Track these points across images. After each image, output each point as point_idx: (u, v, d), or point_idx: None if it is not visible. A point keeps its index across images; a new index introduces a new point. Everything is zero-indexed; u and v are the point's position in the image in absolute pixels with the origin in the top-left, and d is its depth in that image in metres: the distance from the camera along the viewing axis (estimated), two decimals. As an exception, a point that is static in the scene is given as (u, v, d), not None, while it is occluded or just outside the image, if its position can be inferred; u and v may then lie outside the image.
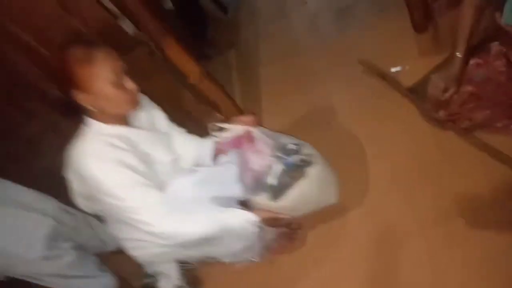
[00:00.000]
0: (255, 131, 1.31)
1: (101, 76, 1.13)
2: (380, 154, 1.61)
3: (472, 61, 1.39)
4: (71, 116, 1.20)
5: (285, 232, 1.44)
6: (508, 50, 1.32)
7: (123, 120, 1.23)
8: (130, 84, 1.19)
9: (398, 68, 1.81)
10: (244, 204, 1.29)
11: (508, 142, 1.36)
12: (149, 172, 1.21)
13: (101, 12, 1.60)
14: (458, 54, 1.37)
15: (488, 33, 1.35)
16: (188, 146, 1.39)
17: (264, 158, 1.29)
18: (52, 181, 1.38)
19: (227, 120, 1.41)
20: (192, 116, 1.87)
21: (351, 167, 1.59)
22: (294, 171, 1.29)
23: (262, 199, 1.30)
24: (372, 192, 1.52)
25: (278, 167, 1.29)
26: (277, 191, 1.28)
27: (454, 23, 1.38)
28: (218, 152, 1.38)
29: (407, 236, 1.37)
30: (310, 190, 1.30)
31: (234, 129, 1.33)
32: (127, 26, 1.68)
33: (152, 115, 1.35)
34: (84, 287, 1.50)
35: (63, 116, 1.28)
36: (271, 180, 1.29)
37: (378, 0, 2.10)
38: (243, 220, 1.21)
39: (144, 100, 1.32)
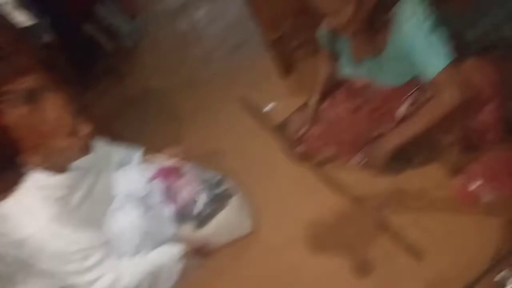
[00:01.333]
0: (182, 164, 1.41)
1: (54, 131, 1.00)
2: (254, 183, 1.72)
3: (324, 104, 1.59)
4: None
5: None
6: (350, 96, 1.54)
7: (62, 168, 1.11)
8: (84, 129, 1.06)
9: (270, 106, 1.98)
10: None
11: (350, 175, 1.56)
12: (88, 213, 1.15)
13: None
14: (313, 98, 1.57)
15: (338, 80, 1.56)
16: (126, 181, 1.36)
17: (190, 190, 1.40)
18: None
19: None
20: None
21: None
22: (217, 202, 1.44)
23: (186, 229, 1.40)
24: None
25: (203, 198, 1.42)
26: (201, 221, 1.41)
27: (314, 69, 1.60)
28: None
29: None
30: (230, 219, 1.47)
31: (163, 162, 1.40)
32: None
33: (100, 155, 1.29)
34: None
35: None
36: (196, 210, 1.41)
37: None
38: (171, 256, 1.25)
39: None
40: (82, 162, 1.18)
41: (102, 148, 1.35)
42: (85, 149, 1.12)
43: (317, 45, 1.50)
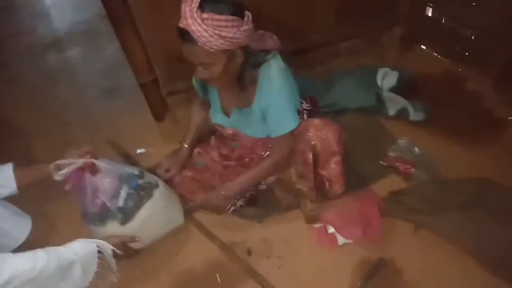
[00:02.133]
0: (97, 161, 1.30)
1: None
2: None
3: (195, 150, 1.61)
4: None
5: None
6: (220, 143, 1.59)
7: None
8: None
9: (142, 150, 1.92)
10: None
11: (221, 220, 1.57)
12: None
13: None
14: (185, 144, 1.58)
15: (210, 126, 1.61)
16: None
17: (110, 185, 1.33)
18: None
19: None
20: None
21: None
22: (139, 194, 1.37)
23: (112, 226, 1.34)
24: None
25: (124, 191, 1.35)
26: (126, 214, 1.35)
27: (188, 115, 1.62)
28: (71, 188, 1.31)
29: None
30: (157, 210, 1.41)
31: (74, 163, 1.27)
32: None
33: None
34: None
35: None
36: (119, 203, 1.34)
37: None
38: (84, 252, 1.17)
39: None
40: None
41: None
42: None
43: (192, 93, 1.54)
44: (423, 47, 2.30)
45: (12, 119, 2.27)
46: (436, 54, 2.24)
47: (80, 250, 1.23)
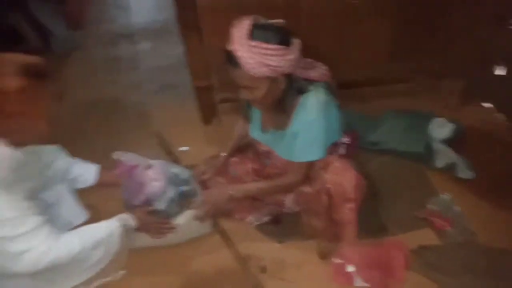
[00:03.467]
0: (153, 162, 1.44)
1: (40, 114, 1.10)
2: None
3: (232, 159, 1.65)
4: None
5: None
6: (255, 158, 1.63)
7: (19, 144, 1.17)
8: (52, 119, 1.15)
9: (185, 148, 1.99)
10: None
11: (243, 231, 1.59)
12: (26, 190, 1.20)
13: None
14: (223, 153, 1.63)
15: (249, 140, 1.64)
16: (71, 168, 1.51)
17: (157, 188, 1.40)
18: None
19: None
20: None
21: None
22: (183, 200, 1.45)
23: None
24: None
25: (169, 195, 1.42)
26: (164, 217, 1.44)
27: (233, 124, 1.67)
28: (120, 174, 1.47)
29: None
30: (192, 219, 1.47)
31: (134, 158, 1.43)
32: None
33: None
34: None
35: None
36: (160, 205, 1.41)
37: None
38: (110, 229, 1.31)
39: None
40: (33, 147, 1.30)
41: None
42: (47, 138, 1.23)
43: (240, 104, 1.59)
44: (485, 104, 2.21)
45: (73, 94, 2.45)
46: (497, 114, 2.15)
47: (108, 230, 1.34)
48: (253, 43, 1.12)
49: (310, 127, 1.28)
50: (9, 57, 1.08)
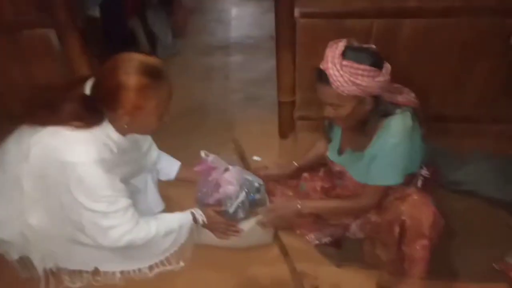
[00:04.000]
0: (231, 167, 1.52)
1: (154, 110, 1.20)
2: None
3: (304, 174, 1.68)
4: (91, 113, 1.21)
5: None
6: (326, 177, 1.63)
7: (127, 132, 1.30)
8: (167, 118, 1.29)
9: (258, 158, 2.07)
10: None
11: (302, 248, 1.60)
12: (125, 174, 1.33)
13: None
14: (295, 163, 1.67)
15: (324, 160, 1.66)
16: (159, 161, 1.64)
17: (231, 191, 1.46)
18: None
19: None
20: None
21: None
22: (253, 207, 1.50)
23: None
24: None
25: (240, 200, 1.48)
26: (232, 219, 1.50)
27: (308, 143, 1.71)
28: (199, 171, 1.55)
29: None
30: (256, 227, 1.53)
31: (215, 160, 1.52)
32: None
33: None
34: None
35: (82, 111, 1.22)
36: (230, 208, 1.47)
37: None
38: (182, 221, 1.43)
39: None
40: (137, 136, 1.42)
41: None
42: (154, 132, 1.35)
43: (319, 124, 1.63)
44: None
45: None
46: None
47: (181, 221, 1.44)
48: (345, 62, 1.16)
49: (391, 150, 1.27)
50: (134, 57, 1.18)
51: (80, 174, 1.17)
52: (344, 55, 1.17)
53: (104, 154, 1.21)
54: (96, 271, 1.49)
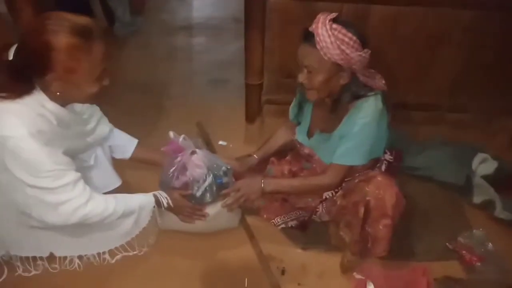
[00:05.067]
0: (199, 151, 1.48)
1: (87, 71, 1.11)
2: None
3: (271, 159, 1.68)
4: (18, 81, 1.10)
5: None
6: (294, 160, 1.64)
7: (66, 103, 1.21)
8: (106, 81, 1.19)
9: (224, 143, 2.05)
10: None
11: (268, 231, 1.61)
12: (68, 148, 1.23)
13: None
14: (255, 155, 1.65)
15: (291, 146, 1.67)
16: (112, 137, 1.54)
17: (198, 174, 1.43)
18: None
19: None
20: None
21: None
22: (218, 191, 1.47)
23: None
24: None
25: (207, 183, 1.44)
26: (198, 203, 1.47)
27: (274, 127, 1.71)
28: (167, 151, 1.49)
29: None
30: (223, 211, 1.50)
31: (184, 142, 1.45)
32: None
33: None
34: None
35: (7, 80, 1.10)
36: (197, 191, 1.44)
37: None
38: (143, 202, 1.37)
39: None
40: (81, 108, 1.34)
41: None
42: (95, 98, 1.23)
43: (286, 109, 1.63)
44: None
45: (128, 78, 2.57)
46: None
47: (142, 202, 1.38)
48: (335, 25, 1.19)
49: (360, 130, 1.29)
50: (62, 16, 1.08)
51: (14, 149, 1.07)
52: (335, 20, 1.21)
53: (41, 126, 1.12)
54: (51, 257, 1.41)
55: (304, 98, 1.45)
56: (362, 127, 1.29)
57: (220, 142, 2.05)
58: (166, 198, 1.41)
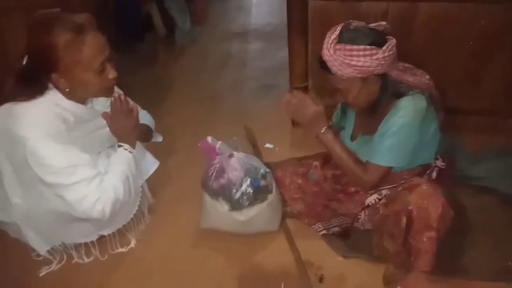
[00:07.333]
0: (236, 153, 1.49)
1: (86, 64, 1.16)
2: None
3: (314, 162, 1.64)
4: (29, 85, 1.19)
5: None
6: (337, 165, 1.59)
7: (82, 99, 1.28)
8: (111, 73, 1.23)
9: (270, 146, 2.05)
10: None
11: (308, 237, 1.57)
12: (85, 145, 1.27)
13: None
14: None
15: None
16: None
17: (236, 177, 1.45)
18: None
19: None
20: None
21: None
22: (258, 194, 1.48)
23: (221, 206, 1.49)
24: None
25: (245, 186, 1.46)
26: (236, 206, 1.47)
27: None
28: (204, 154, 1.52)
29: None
30: (262, 214, 1.51)
31: (222, 146, 1.48)
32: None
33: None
34: None
35: (21, 84, 1.21)
36: (236, 195, 1.45)
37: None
38: (122, 159, 1.37)
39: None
40: (99, 104, 1.38)
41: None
42: (107, 92, 1.27)
43: (331, 112, 1.58)
44: None
45: (180, 82, 2.69)
46: None
47: (121, 159, 1.38)
48: (338, 46, 1.17)
49: (398, 130, 1.22)
50: (52, 15, 1.16)
51: (33, 149, 1.15)
52: (338, 39, 1.18)
53: (56, 125, 1.18)
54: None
55: (347, 105, 1.43)
56: (400, 127, 1.21)
57: (267, 145, 2.06)
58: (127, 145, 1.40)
